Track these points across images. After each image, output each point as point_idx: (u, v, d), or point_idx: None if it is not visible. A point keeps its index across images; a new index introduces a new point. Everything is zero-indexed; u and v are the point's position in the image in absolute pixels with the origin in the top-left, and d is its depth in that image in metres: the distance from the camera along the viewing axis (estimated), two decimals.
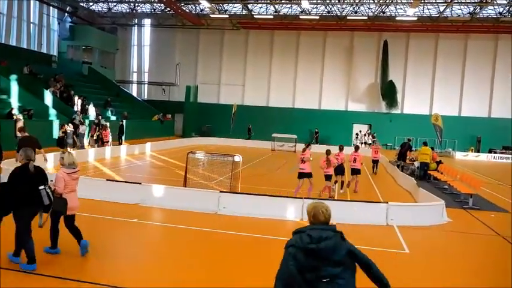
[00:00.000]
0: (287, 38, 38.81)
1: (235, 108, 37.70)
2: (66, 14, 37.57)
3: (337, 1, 33.22)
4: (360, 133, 35.66)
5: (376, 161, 20.04)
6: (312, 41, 38.39)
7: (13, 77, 23.74)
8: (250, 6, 35.70)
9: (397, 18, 33.49)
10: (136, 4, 38.45)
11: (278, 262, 3.13)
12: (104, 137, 22.59)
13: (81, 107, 26.35)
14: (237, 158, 12.62)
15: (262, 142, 32.67)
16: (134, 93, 42.08)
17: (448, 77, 36.31)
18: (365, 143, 33.82)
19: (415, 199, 12.89)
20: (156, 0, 35.42)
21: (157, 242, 8.07)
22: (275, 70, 39.48)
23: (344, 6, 34.19)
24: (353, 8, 34.30)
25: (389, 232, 9.09)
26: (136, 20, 42.02)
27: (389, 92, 36.49)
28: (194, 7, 37.08)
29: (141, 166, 19.29)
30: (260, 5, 35.72)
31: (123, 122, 25.90)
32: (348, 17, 34.60)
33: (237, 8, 36.57)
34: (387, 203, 10.01)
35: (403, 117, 36.89)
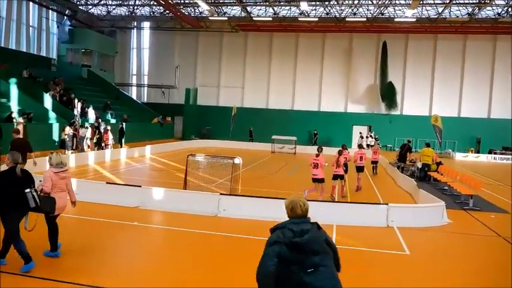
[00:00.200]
0: (286, 40, 38.84)
1: (234, 110, 37.70)
2: (65, 18, 37.65)
3: (335, 3, 33.26)
4: (361, 133, 35.33)
5: (375, 162, 20.08)
6: (311, 43, 38.43)
7: (12, 81, 23.74)
8: (249, 8, 35.75)
9: (396, 19, 33.55)
10: (135, 7, 38.49)
11: None
12: (105, 140, 22.60)
13: (81, 110, 26.36)
14: (237, 160, 12.63)
15: (262, 144, 32.68)
16: (134, 96, 42.13)
17: (447, 78, 36.32)
18: (367, 145, 33.54)
19: (415, 200, 12.87)
20: (155, 3, 35.46)
21: (157, 245, 8.06)
22: (274, 72, 39.51)
23: (343, 8, 34.24)
24: (352, 10, 34.34)
25: (389, 233, 9.08)
26: (135, 23, 42.03)
27: (388, 93, 36.48)
28: (193, 10, 37.12)
29: (141, 169, 19.27)
30: (259, 7, 35.76)
31: (123, 125, 25.92)
32: (347, 19, 34.65)
33: (236, 11, 36.62)
34: (387, 205, 10.01)
35: (403, 118, 36.87)
